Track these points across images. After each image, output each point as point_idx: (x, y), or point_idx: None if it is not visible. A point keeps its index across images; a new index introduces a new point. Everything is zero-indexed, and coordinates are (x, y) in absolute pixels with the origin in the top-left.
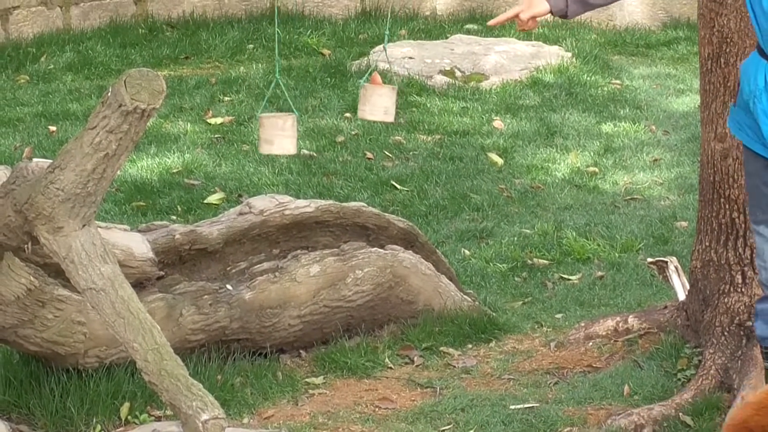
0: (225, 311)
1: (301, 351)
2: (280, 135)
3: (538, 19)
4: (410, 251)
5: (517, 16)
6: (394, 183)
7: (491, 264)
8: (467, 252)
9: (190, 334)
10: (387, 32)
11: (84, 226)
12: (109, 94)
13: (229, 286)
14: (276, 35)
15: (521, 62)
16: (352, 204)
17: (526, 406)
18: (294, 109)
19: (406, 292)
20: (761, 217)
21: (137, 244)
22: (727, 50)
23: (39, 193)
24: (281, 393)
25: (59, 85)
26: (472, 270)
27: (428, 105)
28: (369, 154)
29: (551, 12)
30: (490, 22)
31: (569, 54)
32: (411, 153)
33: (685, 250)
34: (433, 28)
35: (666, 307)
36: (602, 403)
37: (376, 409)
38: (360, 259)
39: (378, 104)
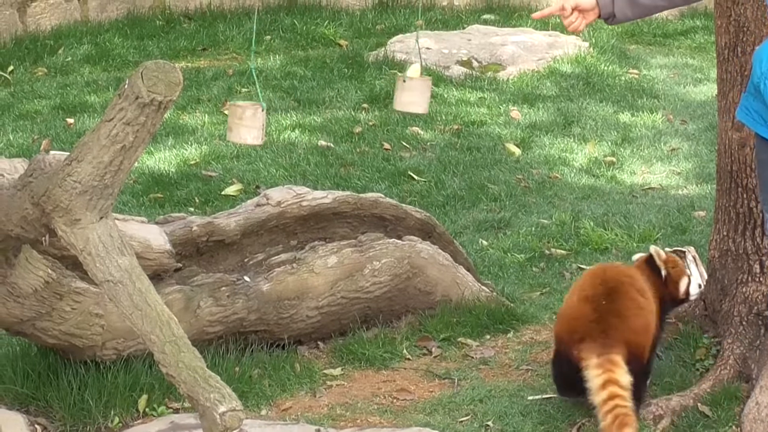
0: (243, 303)
1: (318, 342)
2: (238, 124)
3: (587, 20)
4: (428, 242)
5: (562, 8)
6: (411, 173)
7: (509, 254)
8: (485, 242)
9: (208, 325)
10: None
11: (101, 218)
12: (126, 86)
13: (246, 278)
14: (254, 25)
15: (538, 52)
16: (370, 195)
17: (545, 397)
18: (262, 101)
19: (423, 282)
20: None
21: (155, 236)
22: (744, 39)
23: (56, 185)
24: (299, 384)
25: (77, 77)
26: (489, 260)
27: (445, 95)
28: (386, 145)
29: (599, 15)
30: (535, 15)
31: (586, 44)
32: (428, 143)
33: (703, 239)
34: (450, 19)
35: None
36: None
37: (394, 401)
38: (377, 250)
39: (410, 96)
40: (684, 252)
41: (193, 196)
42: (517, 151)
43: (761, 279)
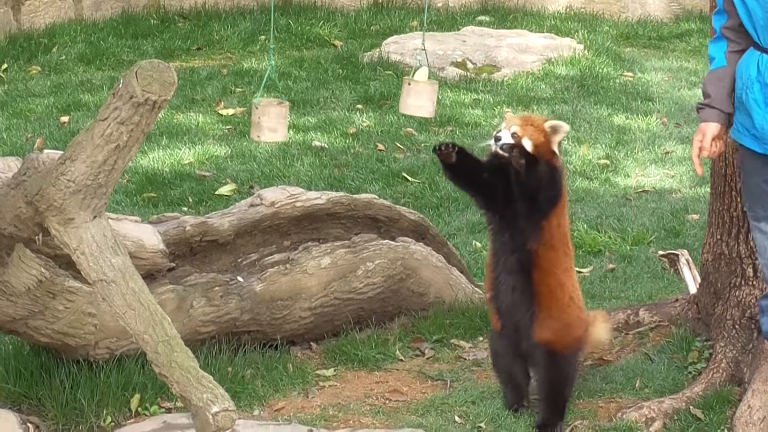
0: (236, 303)
1: (311, 343)
2: (284, 123)
3: (722, 138)
4: (421, 243)
5: (700, 150)
6: (405, 175)
7: None
8: (478, 244)
9: (201, 325)
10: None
11: (95, 217)
12: (120, 85)
13: (240, 278)
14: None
15: (533, 54)
16: (363, 196)
17: (536, 398)
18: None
19: (417, 284)
20: (762, 214)
21: (148, 236)
22: None
23: (50, 184)
24: (292, 385)
25: (71, 76)
26: (483, 262)
27: (440, 97)
28: (381, 146)
29: (727, 127)
30: (699, 172)
31: (582, 46)
32: (422, 145)
33: (696, 242)
34: (445, 20)
35: (677, 300)
36: (613, 396)
37: (387, 402)
38: (371, 251)
39: (417, 100)
40: (677, 255)
41: (186, 195)
42: None
43: (754, 282)
